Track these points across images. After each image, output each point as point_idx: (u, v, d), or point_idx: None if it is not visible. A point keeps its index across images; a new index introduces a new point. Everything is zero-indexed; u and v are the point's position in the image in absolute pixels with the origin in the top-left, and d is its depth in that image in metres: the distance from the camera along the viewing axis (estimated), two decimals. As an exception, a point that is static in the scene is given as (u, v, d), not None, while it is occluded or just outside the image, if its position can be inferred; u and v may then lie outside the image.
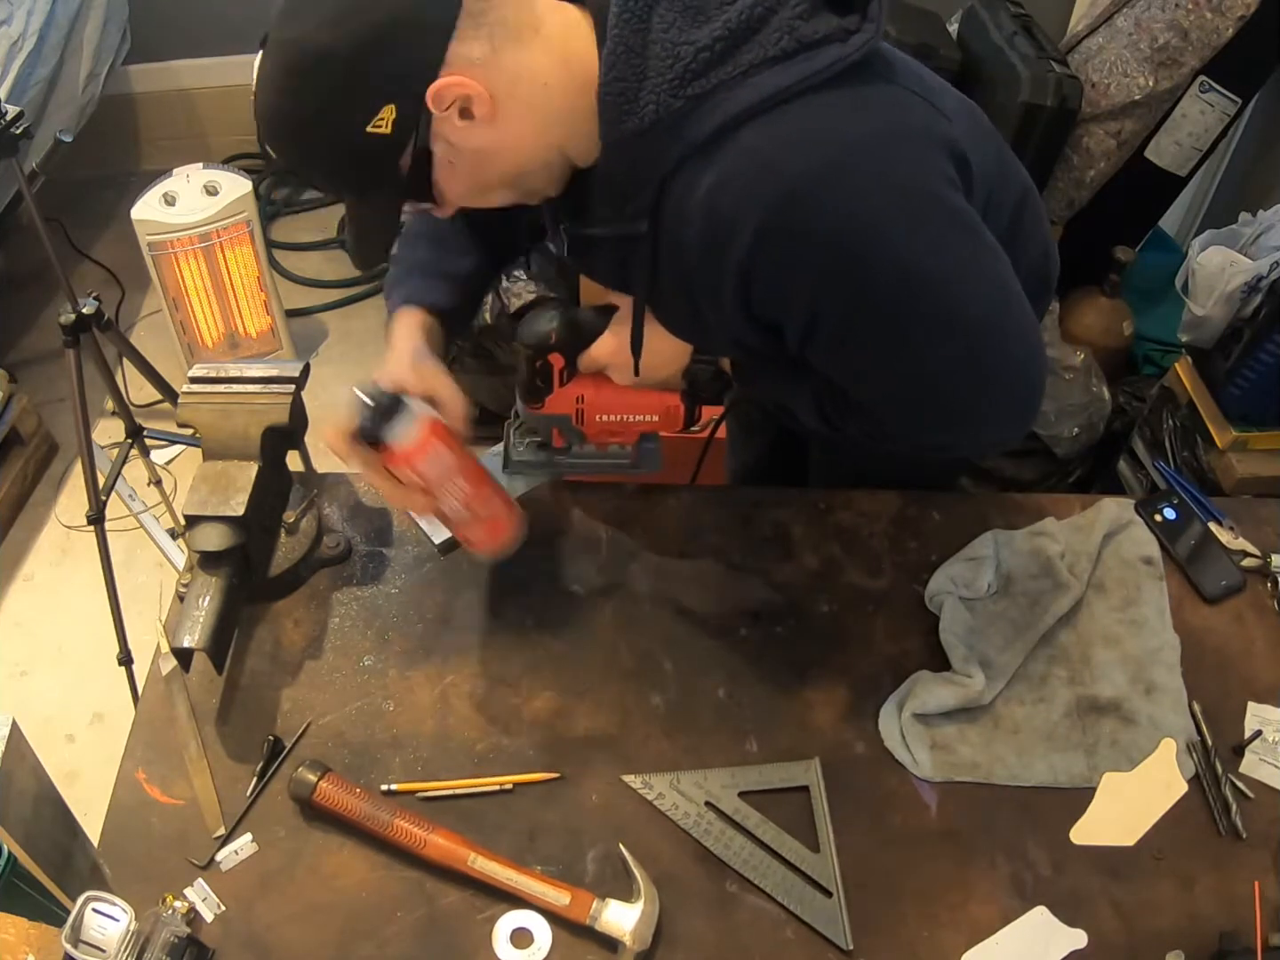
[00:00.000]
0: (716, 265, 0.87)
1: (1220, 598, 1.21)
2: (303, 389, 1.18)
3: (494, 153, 0.88)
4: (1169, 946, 0.96)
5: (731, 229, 0.84)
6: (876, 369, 0.93)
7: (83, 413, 1.77)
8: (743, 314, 0.92)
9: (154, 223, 2.33)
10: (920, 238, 0.84)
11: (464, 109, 0.83)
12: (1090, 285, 2.28)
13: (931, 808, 1.05)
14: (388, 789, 1.05)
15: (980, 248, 0.89)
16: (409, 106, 0.82)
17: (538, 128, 0.88)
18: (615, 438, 1.21)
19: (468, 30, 0.81)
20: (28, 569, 2.32)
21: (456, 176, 0.89)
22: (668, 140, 0.84)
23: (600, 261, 1.02)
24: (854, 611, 1.20)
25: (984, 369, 0.90)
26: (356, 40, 0.79)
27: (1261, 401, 1.80)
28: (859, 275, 0.85)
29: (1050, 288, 1.17)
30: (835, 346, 0.92)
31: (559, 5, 0.88)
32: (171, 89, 3.07)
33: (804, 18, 0.83)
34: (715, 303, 0.92)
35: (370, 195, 0.90)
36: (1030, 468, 2.18)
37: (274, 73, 0.83)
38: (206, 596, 1.07)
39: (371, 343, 2.77)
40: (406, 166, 0.86)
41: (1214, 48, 1.97)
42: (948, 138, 0.88)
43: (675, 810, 1.04)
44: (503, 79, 0.83)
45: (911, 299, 0.86)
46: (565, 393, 1.14)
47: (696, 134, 0.83)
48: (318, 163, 0.88)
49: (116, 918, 0.89)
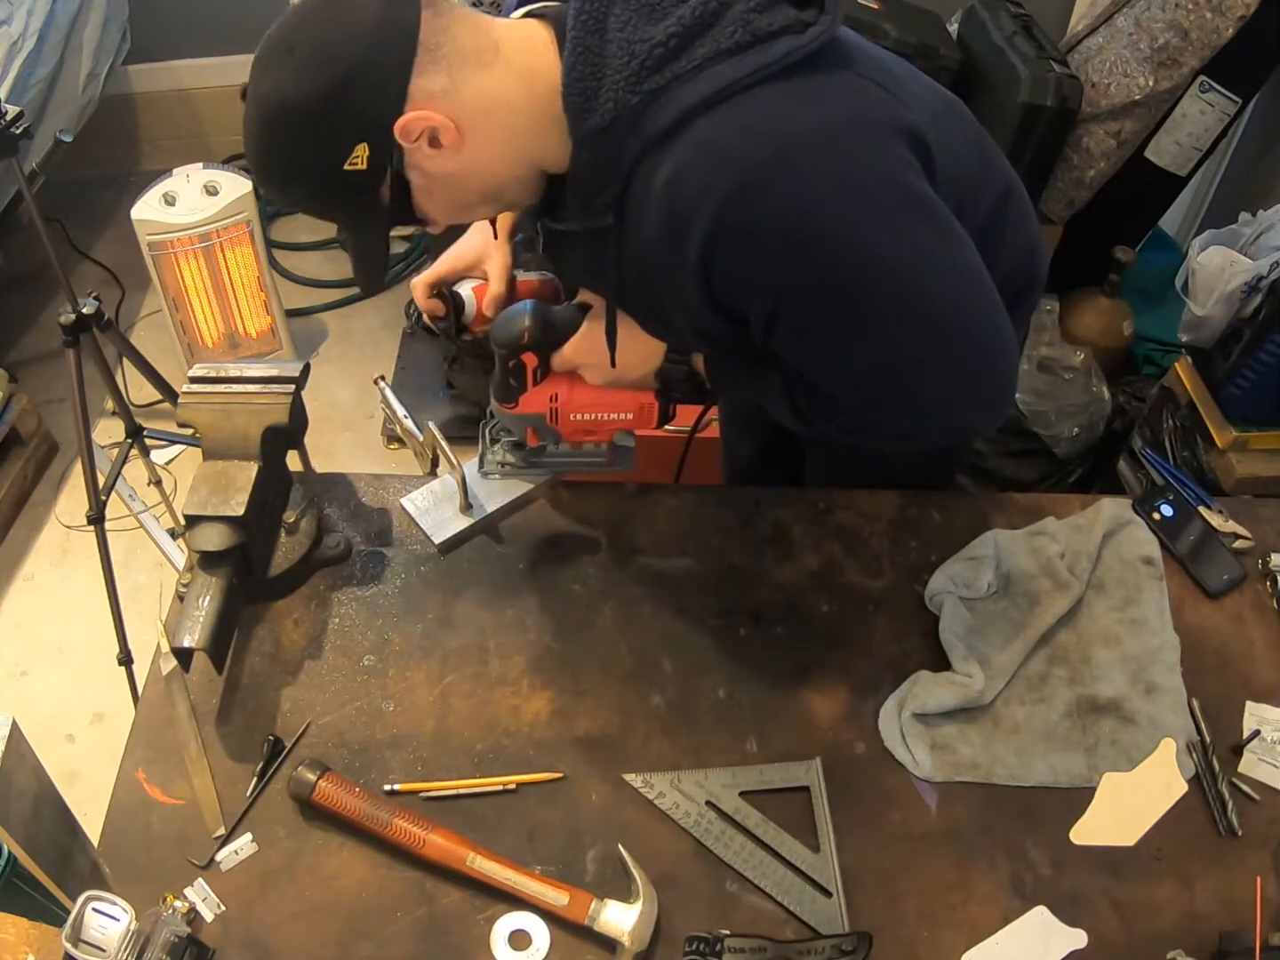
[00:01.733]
0: (677, 256, 0.89)
1: (1223, 592, 1.21)
2: (303, 389, 1.18)
3: (467, 175, 0.92)
4: (1169, 946, 0.96)
5: (689, 220, 0.85)
6: (840, 358, 0.93)
7: (83, 413, 1.77)
8: (706, 304, 0.93)
9: (154, 223, 2.33)
10: (875, 223, 0.85)
11: (432, 139, 0.88)
12: (1090, 285, 2.28)
13: (931, 808, 1.05)
14: (390, 789, 1.05)
15: (942, 233, 0.89)
16: (380, 143, 0.86)
17: (506, 146, 0.91)
18: (590, 436, 1.21)
19: (426, 65, 0.85)
20: (28, 569, 2.32)
21: (435, 200, 0.94)
22: (627, 135, 0.87)
23: (573, 258, 1.04)
24: (854, 611, 1.20)
25: (949, 356, 0.91)
26: (323, 89, 0.84)
27: (1261, 401, 1.80)
28: (815, 263, 0.86)
29: (1038, 285, 1.17)
30: (798, 336, 0.93)
31: (517, 23, 0.92)
32: (171, 89, 3.06)
33: (759, 10, 0.85)
34: (679, 294, 0.93)
35: (360, 225, 0.96)
36: (1030, 468, 2.18)
37: (253, 125, 0.88)
38: (206, 596, 1.07)
39: (371, 343, 2.77)
40: (387, 196, 0.91)
41: (1214, 48, 1.97)
42: (905, 123, 0.88)
43: (676, 809, 1.04)
44: (466, 106, 0.88)
45: (869, 285, 0.87)
46: (539, 391, 1.14)
47: (653, 128, 0.85)
48: (307, 201, 0.94)
49: (117, 917, 0.89)
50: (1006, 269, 1.04)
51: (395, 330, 2.76)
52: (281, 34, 0.86)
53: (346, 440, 2.52)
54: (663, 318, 1.00)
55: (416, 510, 1.27)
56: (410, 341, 2.71)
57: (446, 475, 1.28)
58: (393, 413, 1.27)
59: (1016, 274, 1.10)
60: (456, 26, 0.87)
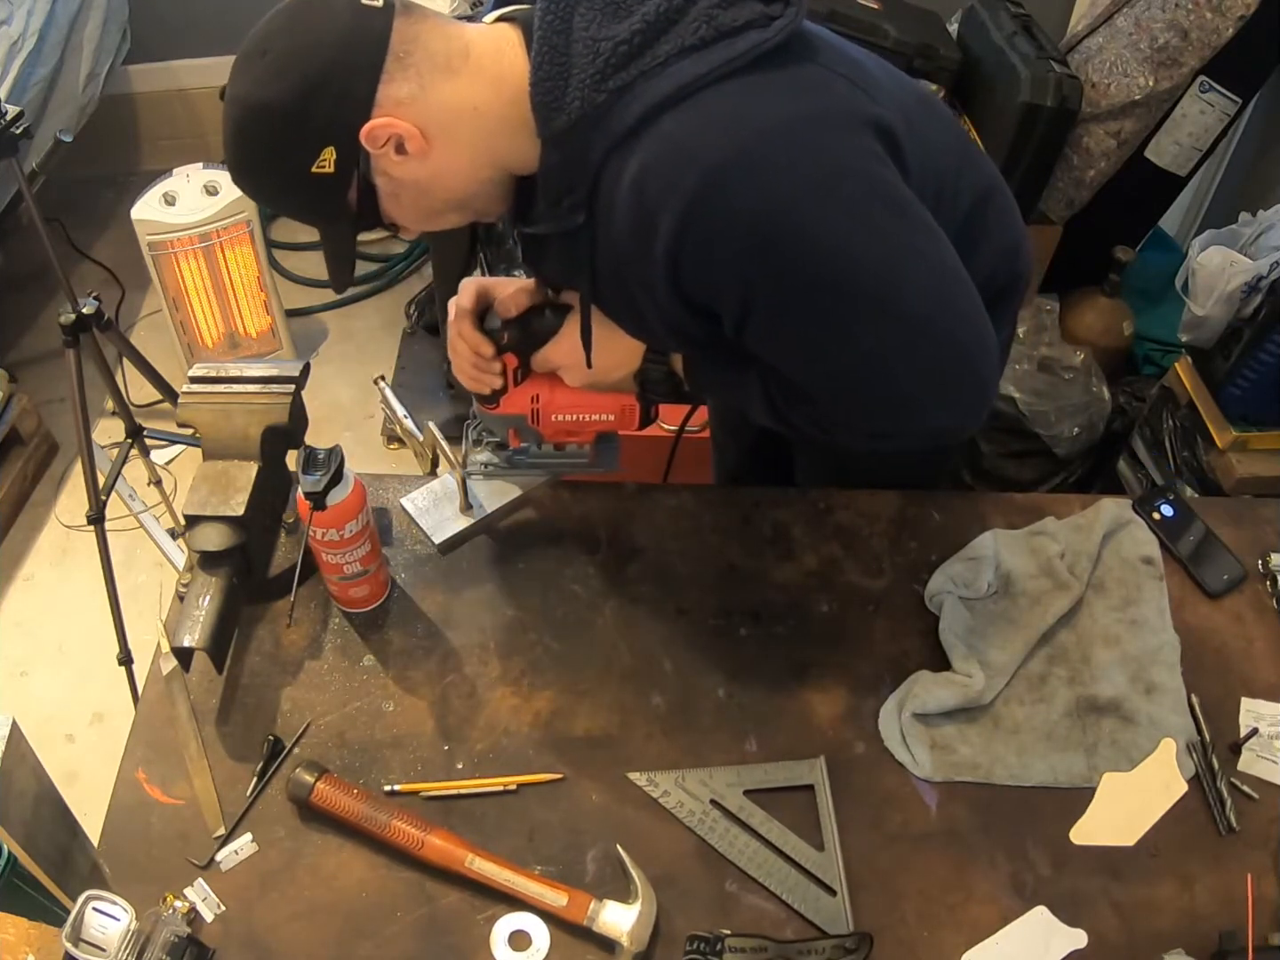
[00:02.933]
0: (646, 253, 0.89)
1: (1223, 592, 1.21)
2: (303, 389, 1.18)
3: (433, 181, 0.92)
4: (1169, 946, 0.96)
5: (655, 217, 0.85)
6: (812, 353, 0.93)
7: (83, 413, 1.77)
8: (678, 301, 0.93)
9: (154, 223, 2.33)
10: (842, 218, 0.85)
11: (398, 146, 0.88)
12: (1090, 285, 2.28)
13: (932, 808, 1.05)
14: (390, 789, 1.05)
15: (915, 229, 0.88)
16: (347, 147, 0.87)
17: (473, 151, 0.92)
18: (572, 437, 1.21)
19: (395, 73, 0.86)
20: (28, 569, 2.32)
21: (402, 206, 0.94)
22: (593, 133, 0.87)
23: (550, 260, 1.04)
24: (854, 611, 1.20)
25: (922, 355, 0.90)
26: (292, 92, 0.85)
27: (1261, 401, 1.80)
28: (783, 259, 0.85)
29: (1022, 285, 1.16)
30: (769, 331, 0.92)
31: (488, 27, 0.92)
32: (171, 89, 3.06)
33: (723, 6, 0.85)
34: (650, 291, 0.93)
35: (329, 227, 0.96)
36: (1030, 468, 2.18)
37: (227, 125, 0.89)
38: (206, 596, 1.07)
39: (371, 343, 2.77)
40: (355, 200, 0.91)
41: (1214, 48, 1.97)
42: (871, 115, 0.88)
43: (680, 808, 1.04)
44: (433, 114, 0.88)
45: (838, 281, 0.86)
46: (520, 392, 1.14)
47: (619, 125, 0.85)
48: (278, 201, 0.95)
49: (117, 917, 0.89)
50: (988, 269, 1.04)
51: (395, 330, 2.76)
52: (258, 37, 0.87)
53: (346, 440, 2.52)
54: (637, 316, 0.99)
55: (416, 510, 1.27)
56: (410, 341, 2.71)
57: (446, 475, 1.28)
58: (393, 413, 1.27)
59: (999, 273, 1.09)
60: (428, 34, 0.87)
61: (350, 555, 1.11)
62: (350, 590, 1.16)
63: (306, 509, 1.04)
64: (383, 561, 1.19)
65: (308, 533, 1.07)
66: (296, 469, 1.06)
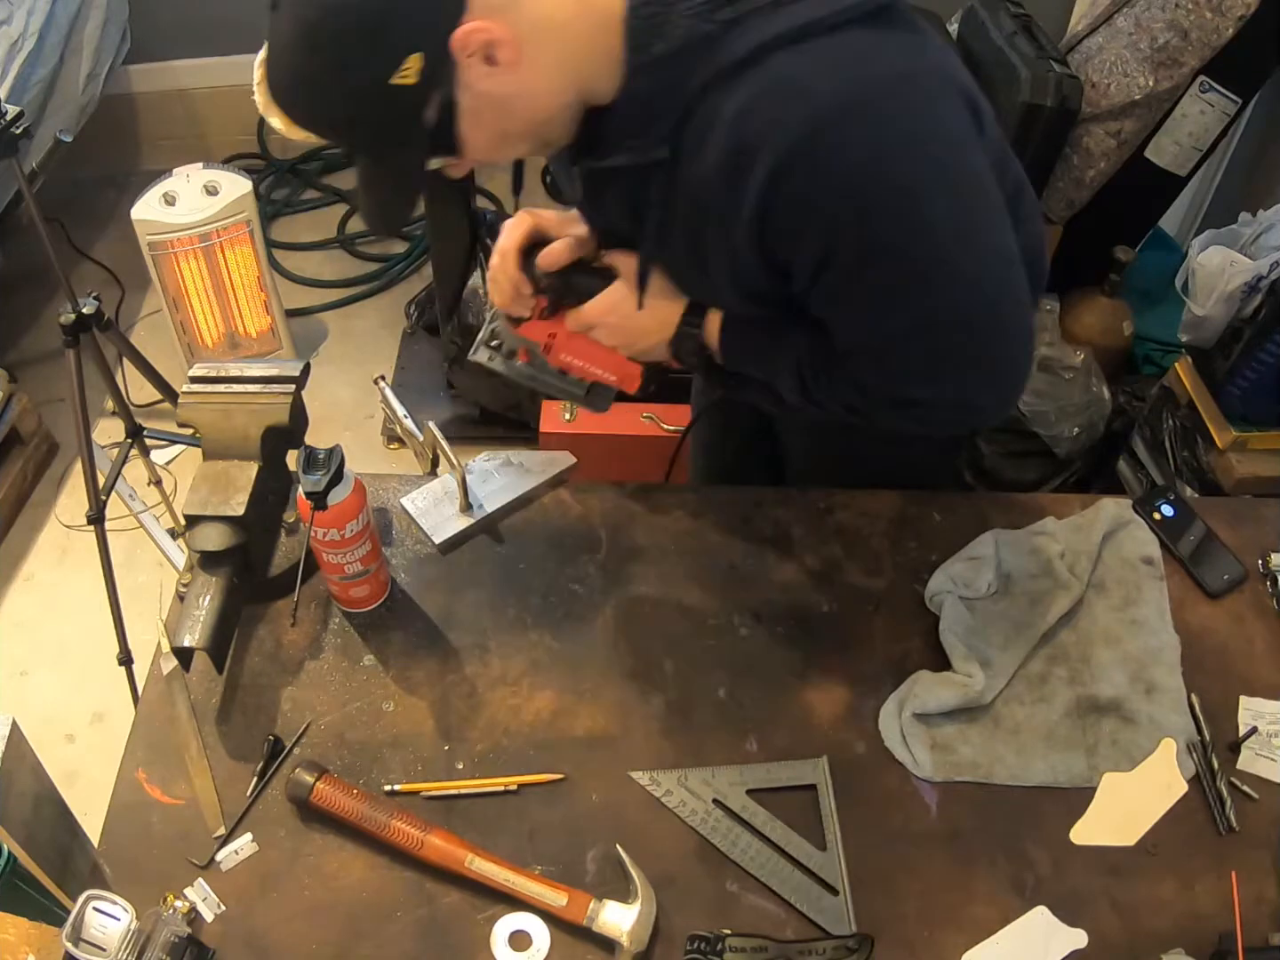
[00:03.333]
0: (735, 193, 0.86)
1: (1223, 592, 1.21)
2: (303, 389, 1.18)
3: (518, 98, 0.87)
4: (1169, 946, 0.96)
5: (754, 154, 0.83)
6: (879, 311, 0.92)
7: (83, 413, 1.77)
8: (754, 247, 0.91)
9: (154, 223, 2.33)
10: (940, 181, 0.85)
11: (488, 55, 0.82)
12: (1090, 285, 2.28)
13: (932, 808, 1.05)
14: (390, 789, 1.05)
15: (990, 201, 0.89)
16: (435, 55, 0.80)
17: (561, 71, 0.87)
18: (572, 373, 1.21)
19: None
20: (28, 569, 2.32)
21: (481, 126, 0.87)
22: (697, 62, 0.84)
23: (613, 202, 1.01)
24: (854, 611, 1.20)
25: (983, 320, 0.91)
26: None
27: (1261, 401, 1.80)
28: (876, 212, 0.85)
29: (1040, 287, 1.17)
30: (843, 285, 0.91)
31: None
32: (171, 89, 3.07)
33: None
34: (726, 236, 0.91)
35: (389, 153, 0.88)
36: (1030, 468, 2.18)
37: (292, 29, 0.81)
38: (207, 596, 1.07)
39: (371, 343, 2.77)
40: (433, 119, 0.84)
41: (1214, 48, 1.96)
42: (963, 85, 0.89)
43: (683, 807, 1.04)
44: (525, 22, 0.83)
45: (925, 240, 0.86)
46: (541, 326, 1.14)
47: (727, 56, 0.83)
48: (334, 122, 0.86)
49: (117, 917, 0.89)
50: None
51: (395, 330, 2.76)
52: None
53: (346, 440, 2.50)
54: (700, 262, 0.96)
55: (416, 510, 1.27)
56: (410, 341, 2.71)
57: (446, 475, 1.28)
58: (393, 413, 1.27)
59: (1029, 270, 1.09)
60: None
61: (351, 555, 1.11)
62: (351, 590, 1.16)
63: (307, 509, 1.04)
64: (383, 561, 1.19)
65: (309, 533, 1.07)
66: (297, 469, 1.06)
